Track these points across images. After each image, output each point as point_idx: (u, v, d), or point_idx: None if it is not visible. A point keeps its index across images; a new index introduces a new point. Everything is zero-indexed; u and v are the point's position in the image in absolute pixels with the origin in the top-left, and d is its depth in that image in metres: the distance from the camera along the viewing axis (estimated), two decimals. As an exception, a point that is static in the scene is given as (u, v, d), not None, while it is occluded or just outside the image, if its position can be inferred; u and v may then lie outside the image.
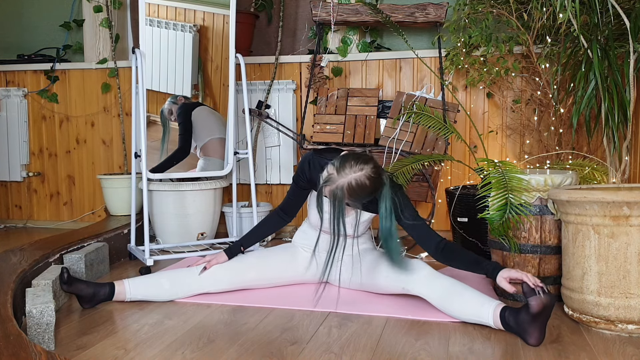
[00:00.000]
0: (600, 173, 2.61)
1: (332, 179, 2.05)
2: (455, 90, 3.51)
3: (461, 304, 2.00)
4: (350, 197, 2.06)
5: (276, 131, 3.69)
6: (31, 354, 1.52)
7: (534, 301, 1.80)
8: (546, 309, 1.80)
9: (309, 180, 2.33)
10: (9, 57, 4.28)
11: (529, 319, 1.82)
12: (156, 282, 2.31)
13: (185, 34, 3.30)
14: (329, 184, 2.05)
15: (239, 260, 2.41)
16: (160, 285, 2.31)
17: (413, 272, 2.14)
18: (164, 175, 3.18)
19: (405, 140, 3.24)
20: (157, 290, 2.30)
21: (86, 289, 2.23)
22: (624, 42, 2.52)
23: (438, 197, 3.41)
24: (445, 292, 2.06)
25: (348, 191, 2.04)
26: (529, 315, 1.82)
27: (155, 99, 3.24)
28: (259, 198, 3.82)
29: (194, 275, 2.34)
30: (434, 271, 2.14)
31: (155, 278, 2.33)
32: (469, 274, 2.45)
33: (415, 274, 2.13)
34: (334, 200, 2.05)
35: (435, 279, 2.11)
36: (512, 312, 1.88)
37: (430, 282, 2.11)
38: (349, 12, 3.39)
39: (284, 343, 1.87)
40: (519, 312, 1.86)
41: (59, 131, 4.14)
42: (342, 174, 2.04)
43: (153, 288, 2.30)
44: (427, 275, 2.12)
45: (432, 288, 2.09)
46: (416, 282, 2.13)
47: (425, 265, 2.16)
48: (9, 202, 4.26)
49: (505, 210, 2.20)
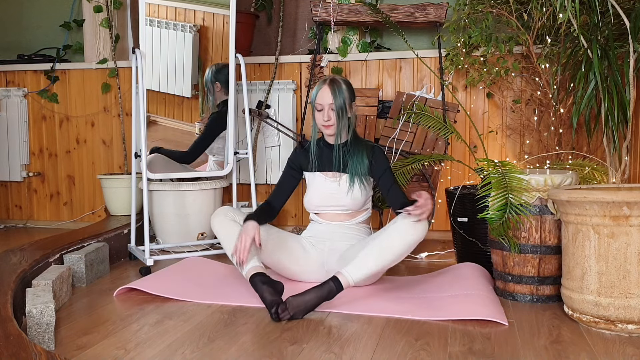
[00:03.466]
0: (600, 173, 2.61)
1: (326, 80, 2.43)
2: (455, 90, 3.51)
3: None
4: (342, 80, 2.43)
5: (276, 131, 3.69)
6: (31, 354, 1.52)
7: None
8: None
9: (298, 165, 2.57)
10: (9, 57, 4.28)
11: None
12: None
13: (185, 34, 3.30)
14: (325, 82, 2.41)
15: (267, 241, 2.48)
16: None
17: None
18: (164, 176, 3.18)
19: (405, 140, 3.24)
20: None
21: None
22: (624, 42, 2.52)
23: (438, 197, 3.41)
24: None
25: (338, 77, 2.44)
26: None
27: (155, 99, 3.24)
28: (259, 198, 3.81)
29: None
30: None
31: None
32: (475, 275, 2.52)
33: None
34: (331, 81, 2.40)
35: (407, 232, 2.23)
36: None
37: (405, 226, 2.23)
38: (349, 12, 3.39)
39: (284, 343, 1.87)
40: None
41: (59, 131, 4.14)
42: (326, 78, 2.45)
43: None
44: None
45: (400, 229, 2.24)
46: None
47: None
48: (9, 202, 4.27)
49: (505, 210, 2.20)
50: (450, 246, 3.22)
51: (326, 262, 2.53)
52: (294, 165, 2.60)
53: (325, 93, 2.40)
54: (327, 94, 2.39)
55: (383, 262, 2.23)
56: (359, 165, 2.47)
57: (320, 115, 2.43)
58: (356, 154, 2.48)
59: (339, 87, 2.41)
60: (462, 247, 2.83)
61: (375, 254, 2.22)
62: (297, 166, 2.60)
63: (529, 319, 2.10)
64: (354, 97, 2.49)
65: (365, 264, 2.21)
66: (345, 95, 2.41)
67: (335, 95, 2.39)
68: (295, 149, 2.62)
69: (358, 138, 2.54)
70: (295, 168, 2.61)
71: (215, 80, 3.34)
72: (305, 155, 2.58)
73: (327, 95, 2.39)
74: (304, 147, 2.61)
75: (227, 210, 2.54)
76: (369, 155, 2.49)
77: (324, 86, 2.42)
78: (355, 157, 2.48)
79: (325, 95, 2.40)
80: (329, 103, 2.39)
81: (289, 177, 2.61)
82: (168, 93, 3.29)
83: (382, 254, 2.22)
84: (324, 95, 2.40)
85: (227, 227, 2.44)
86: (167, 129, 3.32)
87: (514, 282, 2.31)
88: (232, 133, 3.32)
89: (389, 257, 2.23)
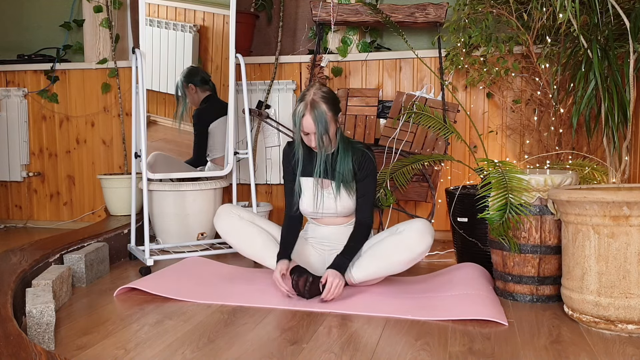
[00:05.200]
0: (600, 173, 2.61)
1: (303, 95, 2.38)
2: (455, 90, 3.51)
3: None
4: (322, 99, 2.35)
5: (276, 131, 3.69)
6: (31, 354, 1.52)
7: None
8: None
9: (292, 166, 2.54)
10: (9, 57, 4.27)
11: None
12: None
13: (185, 34, 3.30)
14: (303, 99, 2.36)
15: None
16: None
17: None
18: (164, 175, 3.18)
19: (405, 140, 3.24)
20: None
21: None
22: (624, 42, 2.52)
23: (438, 197, 3.41)
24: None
25: (319, 94, 2.36)
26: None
27: (155, 99, 3.24)
28: (259, 198, 3.82)
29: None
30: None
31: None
32: (475, 275, 2.54)
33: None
34: (311, 106, 2.34)
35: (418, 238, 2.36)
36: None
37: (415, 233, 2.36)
38: (349, 12, 3.39)
39: (284, 343, 1.87)
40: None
41: (59, 131, 4.14)
42: (309, 90, 2.39)
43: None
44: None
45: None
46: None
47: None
48: (9, 202, 4.26)
49: (505, 210, 2.20)
50: (450, 246, 3.22)
51: (327, 262, 2.53)
52: (289, 165, 2.56)
53: (308, 122, 2.35)
54: (310, 122, 2.34)
55: (387, 272, 2.42)
56: (344, 172, 2.44)
57: (307, 138, 2.41)
58: (342, 160, 2.45)
59: (320, 111, 2.33)
60: (462, 247, 2.83)
61: (381, 264, 2.38)
62: (292, 167, 2.55)
63: (529, 319, 2.10)
64: (338, 110, 2.41)
65: (368, 270, 2.39)
66: (327, 117, 2.34)
67: (317, 121, 2.33)
68: (285, 150, 2.57)
69: (348, 142, 2.50)
70: (292, 169, 2.56)
71: (188, 83, 3.32)
72: (294, 157, 2.54)
73: (310, 124, 2.34)
74: (291, 146, 2.56)
75: (229, 209, 2.56)
76: (356, 159, 2.45)
77: (306, 113, 2.34)
78: (341, 163, 2.45)
79: (308, 125, 2.35)
80: (313, 131, 2.36)
81: (294, 179, 2.55)
82: (168, 93, 3.29)
83: (388, 267, 2.38)
84: (307, 124, 2.35)
85: (237, 227, 2.55)
86: (167, 129, 3.32)
87: (514, 282, 2.31)
88: (232, 133, 3.32)
89: (394, 269, 2.40)
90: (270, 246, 2.53)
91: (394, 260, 2.36)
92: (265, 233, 2.58)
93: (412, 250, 2.34)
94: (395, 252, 2.36)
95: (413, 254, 2.35)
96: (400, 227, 2.42)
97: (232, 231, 2.57)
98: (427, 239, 2.36)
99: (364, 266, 2.39)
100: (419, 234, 2.35)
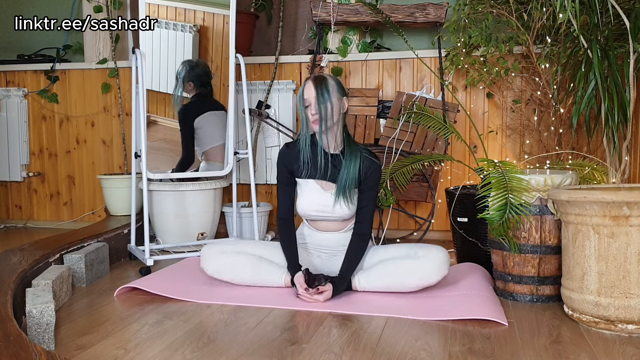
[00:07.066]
0: (600, 173, 2.61)
1: (310, 77, 2.41)
2: (455, 90, 3.51)
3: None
4: (328, 76, 2.40)
5: (276, 131, 3.69)
6: (31, 354, 1.52)
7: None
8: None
9: (289, 168, 2.49)
10: (9, 57, 4.28)
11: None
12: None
13: (185, 34, 3.30)
14: (309, 78, 2.39)
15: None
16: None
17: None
18: (164, 176, 3.18)
19: (405, 140, 3.24)
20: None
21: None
22: (624, 42, 2.52)
23: (438, 197, 3.41)
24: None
25: (323, 76, 2.39)
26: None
27: (155, 99, 3.24)
28: (259, 198, 3.82)
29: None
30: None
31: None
32: (475, 275, 2.54)
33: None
34: (315, 77, 2.38)
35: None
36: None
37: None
38: (349, 12, 3.39)
39: (284, 343, 1.87)
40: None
41: (59, 131, 4.15)
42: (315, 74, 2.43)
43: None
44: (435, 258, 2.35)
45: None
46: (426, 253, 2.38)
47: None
48: (9, 202, 4.27)
49: (505, 210, 2.20)
50: (450, 246, 3.22)
51: (329, 265, 2.53)
52: (286, 167, 2.49)
53: (309, 89, 2.36)
54: (311, 89, 2.35)
55: (395, 290, 2.38)
56: (348, 177, 2.40)
57: (308, 110, 2.38)
58: (348, 164, 2.41)
59: (324, 80, 2.36)
60: (462, 247, 2.83)
61: (391, 283, 2.37)
62: (289, 169, 2.49)
63: (529, 319, 2.10)
64: (343, 92, 2.41)
65: (377, 284, 2.39)
66: (331, 88, 2.35)
67: (319, 87, 2.34)
68: (281, 151, 2.51)
69: (356, 146, 2.46)
70: (288, 171, 2.50)
71: (188, 79, 3.32)
72: (294, 157, 2.47)
73: (311, 91, 2.35)
74: (290, 147, 2.50)
75: (210, 249, 2.53)
76: (363, 168, 2.41)
77: (308, 82, 2.38)
78: (346, 167, 2.40)
79: (309, 92, 2.36)
80: (314, 96, 2.35)
81: (289, 182, 2.52)
82: (168, 93, 3.29)
83: (398, 287, 2.37)
84: (309, 91, 2.36)
85: (223, 263, 2.50)
86: (167, 129, 3.32)
87: (514, 282, 2.32)
88: (232, 133, 3.32)
89: (403, 290, 2.37)
90: (262, 266, 2.48)
91: (407, 283, 2.34)
92: (250, 257, 2.50)
93: (426, 279, 2.32)
94: (409, 277, 2.33)
95: (426, 282, 2.33)
96: (420, 252, 2.37)
97: (220, 269, 2.50)
98: (443, 270, 2.33)
99: (373, 279, 2.37)
100: (437, 266, 2.32)
